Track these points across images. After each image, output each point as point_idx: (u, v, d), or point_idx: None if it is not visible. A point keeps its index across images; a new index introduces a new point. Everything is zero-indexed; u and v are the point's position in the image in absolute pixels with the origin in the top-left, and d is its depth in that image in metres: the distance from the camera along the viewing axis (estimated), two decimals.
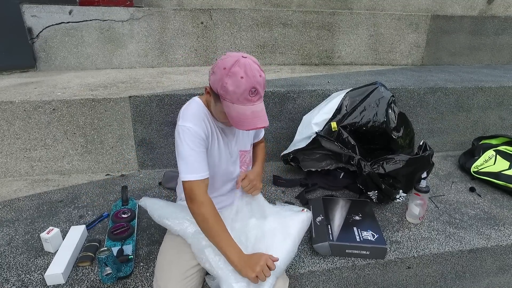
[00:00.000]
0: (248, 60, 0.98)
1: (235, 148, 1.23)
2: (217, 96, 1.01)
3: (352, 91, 1.92)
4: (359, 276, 1.36)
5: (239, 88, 0.96)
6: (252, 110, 0.99)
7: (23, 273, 1.21)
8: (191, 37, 2.63)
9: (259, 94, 1.00)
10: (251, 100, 0.98)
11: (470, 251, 1.44)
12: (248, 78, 0.96)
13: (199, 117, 1.08)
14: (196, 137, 1.05)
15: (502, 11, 3.44)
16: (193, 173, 1.04)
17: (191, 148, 1.04)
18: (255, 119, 1.00)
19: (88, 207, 1.63)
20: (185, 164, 1.05)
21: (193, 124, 1.05)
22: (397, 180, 1.66)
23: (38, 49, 2.44)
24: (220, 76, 0.97)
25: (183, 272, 1.08)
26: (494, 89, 2.33)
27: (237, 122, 1.00)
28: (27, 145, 1.85)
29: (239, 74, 0.95)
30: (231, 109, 0.99)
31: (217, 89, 0.99)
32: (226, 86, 0.96)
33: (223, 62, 0.99)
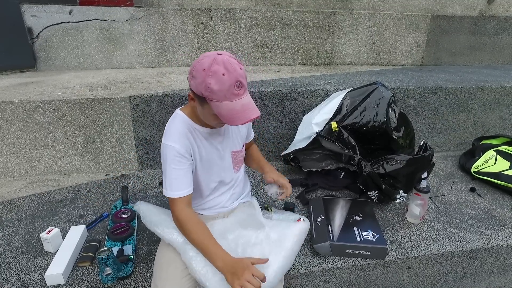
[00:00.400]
0: (224, 57, 0.97)
1: (226, 150, 1.21)
2: (202, 99, 0.99)
3: (353, 91, 1.92)
4: (359, 276, 1.36)
5: (223, 85, 0.94)
6: (241, 104, 0.99)
7: (23, 273, 1.20)
8: (191, 37, 2.63)
9: (244, 87, 0.99)
10: (238, 94, 0.98)
11: (471, 251, 1.44)
12: (230, 73, 0.95)
13: (181, 134, 1.08)
14: (177, 156, 1.06)
15: (502, 11, 3.44)
16: (173, 191, 1.07)
17: (172, 167, 1.06)
18: (247, 112, 1.00)
19: (88, 207, 1.63)
20: (166, 182, 1.08)
21: (175, 143, 1.06)
22: (398, 180, 1.66)
23: (38, 49, 2.43)
24: (202, 79, 0.95)
25: (180, 271, 1.07)
26: (494, 89, 2.33)
27: (229, 119, 0.99)
28: (27, 145, 1.85)
29: (220, 71, 0.94)
30: (220, 108, 0.97)
31: (202, 92, 0.97)
32: (210, 86, 0.94)
33: (201, 64, 0.97)
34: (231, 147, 1.23)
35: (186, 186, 1.08)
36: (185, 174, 1.08)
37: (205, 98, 0.98)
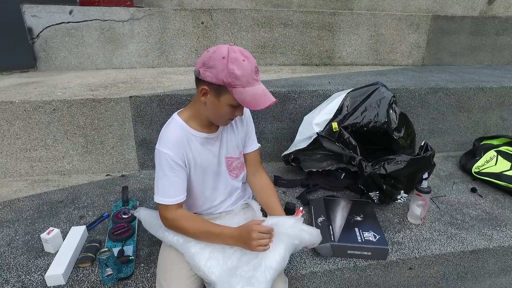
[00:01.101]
0: (237, 46, 1.01)
1: (221, 156, 1.19)
2: (220, 89, 0.99)
3: (353, 91, 1.91)
4: (360, 277, 1.35)
5: (246, 70, 0.97)
6: (261, 88, 1.02)
7: (23, 274, 1.20)
8: (191, 37, 2.63)
9: (259, 73, 1.04)
10: (257, 79, 1.02)
11: (472, 252, 1.43)
12: (248, 59, 0.98)
13: (176, 141, 1.07)
14: (171, 163, 1.05)
15: (503, 11, 3.44)
16: (165, 197, 1.06)
17: (165, 174, 1.05)
18: (267, 96, 1.02)
19: (88, 208, 1.62)
20: (157, 187, 1.07)
21: (170, 150, 1.05)
22: (399, 180, 1.66)
23: (38, 49, 2.43)
24: (223, 66, 0.95)
25: (186, 272, 1.07)
26: (495, 90, 2.33)
27: (253, 103, 1.00)
28: (27, 145, 1.85)
29: (240, 58, 0.97)
30: (244, 94, 0.98)
31: (223, 79, 0.96)
32: (233, 72, 0.95)
33: (218, 53, 0.97)
34: (226, 152, 1.20)
35: (178, 194, 1.08)
36: (178, 181, 1.07)
37: (226, 86, 0.98)
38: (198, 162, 1.13)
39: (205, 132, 1.13)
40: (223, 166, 1.21)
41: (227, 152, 1.21)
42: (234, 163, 1.24)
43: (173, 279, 1.06)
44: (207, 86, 1.01)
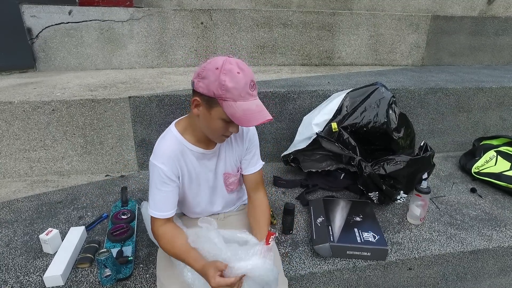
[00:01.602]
0: (235, 59, 0.95)
1: (218, 172, 1.17)
2: (212, 102, 0.93)
3: (353, 91, 1.91)
4: (360, 278, 1.35)
5: (239, 83, 0.90)
6: (256, 104, 0.95)
7: (22, 274, 1.20)
8: (191, 38, 2.63)
9: (256, 89, 0.96)
10: (252, 94, 0.94)
11: (472, 252, 1.43)
12: (244, 72, 0.92)
13: (170, 156, 1.03)
14: (164, 177, 1.02)
15: (502, 11, 3.44)
16: (156, 211, 1.04)
17: (157, 187, 1.03)
18: (261, 113, 0.95)
19: (87, 208, 1.62)
20: (150, 200, 1.06)
21: (163, 164, 1.01)
22: (398, 181, 1.65)
23: (37, 49, 2.43)
24: (215, 77, 0.90)
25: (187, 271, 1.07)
26: (494, 90, 2.32)
27: (244, 120, 0.92)
28: (26, 146, 1.84)
29: (235, 70, 0.90)
30: (234, 108, 0.91)
31: (214, 91, 0.90)
32: (225, 83, 0.89)
33: (212, 64, 0.92)
34: (223, 169, 1.17)
35: (169, 208, 1.06)
36: (169, 196, 1.05)
37: (217, 99, 0.92)
38: (193, 176, 1.11)
39: (201, 148, 1.08)
40: (220, 181, 1.19)
41: (224, 169, 1.17)
42: (231, 179, 1.21)
43: (175, 276, 1.05)
44: (198, 98, 0.96)
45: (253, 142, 1.20)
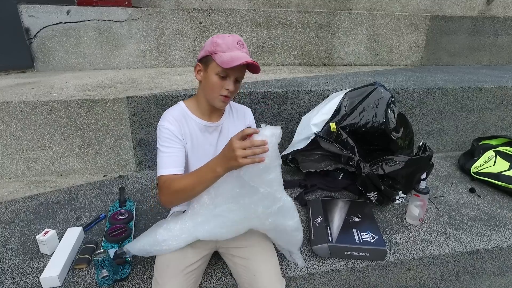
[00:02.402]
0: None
1: (219, 147, 1.22)
2: (207, 60, 1.10)
3: (351, 91, 1.91)
4: (358, 278, 1.35)
5: (227, 40, 1.08)
6: (242, 53, 1.09)
7: (18, 275, 1.19)
8: (189, 38, 2.62)
9: (245, 48, 1.12)
10: (240, 49, 1.10)
11: (471, 252, 1.43)
12: (233, 36, 1.11)
13: (176, 118, 1.15)
14: (170, 134, 1.12)
15: (501, 11, 3.44)
16: (162, 168, 1.09)
17: (165, 145, 1.12)
18: (246, 58, 1.08)
19: (85, 209, 1.61)
20: (158, 162, 1.12)
21: (168, 123, 1.13)
22: (397, 181, 1.65)
23: (35, 49, 2.42)
24: (210, 41, 1.10)
25: (181, 270, 1.07)
26: (493, 90, 2.32)
27: (230, 61, 1.06)
28: (24, 146, 1.84)
29: (226, 35, 1.11)
30: (223, 56, 1.06)
31: (208, 50, 1.09)
32: (216, 41, 1.08)
33: (211, 37, 1.12)
34: (225, 143, 1.20)
35: (177, 165, 1.11)
36: (176, 153, 1.12)
37: (211, 55, 1.08)
38: (195, 145, 1.19)
39: (205, 120, 1.19)
40: None
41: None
42: None
43: (169, 276, 1.06)
44: (199, 63, 1.14)
45: (252, 123, 1.34)
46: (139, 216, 1.55)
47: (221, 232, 1.07)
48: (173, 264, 1.08)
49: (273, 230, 1.11)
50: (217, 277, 1.22)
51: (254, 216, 1.03)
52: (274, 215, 1.04)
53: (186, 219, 1.08)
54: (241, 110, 1.33)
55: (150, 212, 1.59)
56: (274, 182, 1.00)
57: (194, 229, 1.07)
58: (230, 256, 1.19)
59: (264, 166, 0.93)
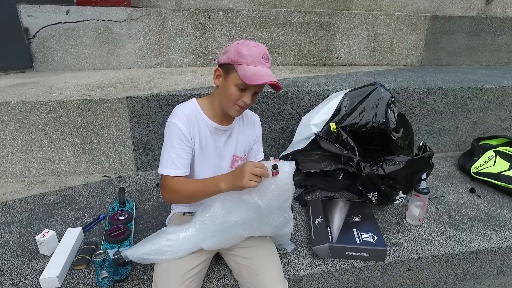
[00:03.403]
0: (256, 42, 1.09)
1: (227, 152, 1.23)
2: (229, 68, 1.07)
3: (351, 91, 1.91)
4: (359, 279, 1.34)
5: (253, 52, 1.04)
6: (266, 70, 1.07)
7: (18, 276, 1.18)
8: (189, 38, 2.62)
9: (270, 63, 1.09)
10: (265, 64, 1.07)
11: (471, 252, 1.43)
12: (260, 47, 1.07)
13: (187, 116, 1.12)
14: (179, 134, 1.10)
15: (501, 11, 3.45)
16: (169, 168, 1.10)
17: (173, 145, 1.10)
18: (270, 76, 1.06)
19: (84, 209, 1.61)
20: (162, 159, 1.11)
21: (180, 122, 1.10)
22: (397, 181, 1.65)
23: (34, 49, 2.42)
24: (234, 48, 1.06)
25: (182, 275, 1.06)
26: (493, 90, 2.32)
27: (253, 78, 1.03)
28: (23, 146, 1.83)
29: (252, 44, 1.06)
30: (246, 70, 1.04)
31: (232, 58, 1.05)
32: (241, 51, 1.04)
33: (235, 42, 1.08)
34: (233, 150, 1.24)
35: (183, 167, 1.11)
36: (184, 154, 1.11)
37: (234, 65, 1.05)
38: (204, 145, 1.17)
39: (216, 122, 1.18)
40: (227, 162, 1.23)
41: (234, 150, 1.24)
42: (237, 163, 1.26)
43: (171, 282, 1.05)
44: (220, 68, 1.11)
45: (259, 131, 1.33)
46: (139, 216, 1.55)
47: (225, 244, 1.13)
48: (174, 269, 1.07)
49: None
50: (217, 278, 1.21)
51: (259, 231, 1.11)
52: (276, 228, 1.12)
53: (192, 230, 1.08)
54: (251, 117, 1.32)
55: (149, 213, 1.58)
56: (288, 207, 1.08)
57: (200, 241, 1.08)
58: (232, 256, 1.19)
59: (283, 196, 1.01)
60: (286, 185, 0.98)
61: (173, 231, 1.09)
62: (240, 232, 1.09)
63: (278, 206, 1.03)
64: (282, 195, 1.00)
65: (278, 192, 0.99)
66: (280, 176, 0.96)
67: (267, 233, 1.15)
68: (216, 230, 1.07)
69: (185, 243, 1.07)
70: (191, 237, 1.08)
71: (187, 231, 1.08)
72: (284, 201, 1.03)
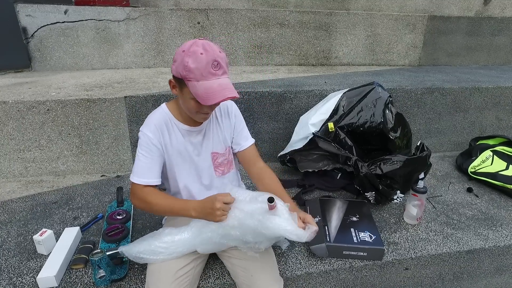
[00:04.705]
0: (205, 41, 1.00)
1: (205, 151, 1.20)
2: (181, 82, 1.01)
3: (349, 91, 1.91)
4: (356, 278, 1.35)
5: (200, 63, 0.95)
6: (218, 83, 0.98)
7: (15, 276, 1.18)
8: (187, 37, 2.62)
9: (222, 68, 0.99)
10: (216, 74, 0.98)
11: (468, 252, 1.43)
12: (208, 52, 0.96)
13: (157, 125, 1.11)
14: (149, 144, 1.09)
15: (498, 12, 3.46)
16: (139, 177, 1.09)
17: (143, 154, 1.09)
18: (224, 91, 0.98)
19: (82, 209, 1.61)
20: (134, 167, 1.10)
21: (149, 132, 1.09)
22: (395, 180, 1.65)
23: (33, 49, 2.41)
24: (181, 59, 0.97)
25: (173, 274, 1.06)
26: (490, 90, 2.33)
27: (205, 98, 0.97)
28: (21, 146, 1.83)
29: (198, 51, 0.96)
30: (197, 87, 0.97)
31: (180, 72, 0.98)
32: (187, 65, 0.96)
33: (181, 47, 1.00)
34: (211, 148, 1.21)
35: (152, 176, 1.10)
36: (154, 163, 1.10)
37: (184, 80, 0.99)
38: (176, 151, 1.15)
39: (188, 125, 1.15)
40: (208, 162, 1.22)
41: (212, 147, 1.21)
42: (219, 159, 1.24)
43: (161, 280, 1.05)
44: (173, 79, 1.06)
45: (238, 117, 1.26)
46: (137, 216, 1.55)
47: (219, 249, 1.13)
48: (165, 268, 1.07)
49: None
50: (215, 277, 1.21)
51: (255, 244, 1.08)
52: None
53: (188, 234, 1.08)
54: (224, 107, 1.24)
55: (147, 213, 1.58)
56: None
57: (195, 245, 1.08)
58: (227, 257, 1.19)
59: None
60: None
61: (169, 233, 1.09)
62: (235, 242, 1.05)
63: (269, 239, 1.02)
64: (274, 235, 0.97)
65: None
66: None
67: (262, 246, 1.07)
68: (212, 236, 1.05)
69: (179, 245, 1.08)
70: (187, 240, 1.07)
71: (183, 234, 1.08)
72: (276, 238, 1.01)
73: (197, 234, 1.07)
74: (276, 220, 0.94)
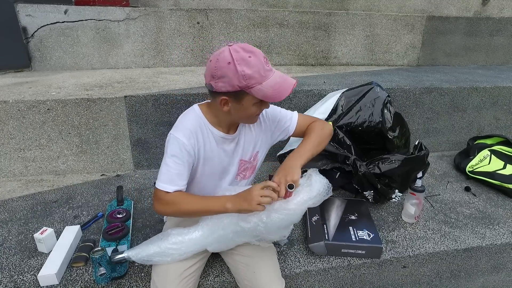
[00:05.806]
0: (236, 45, 0.97)
1: (235, 158, 1.18)
2: (239, 94, 0.97)
3: (348, 91, 1.92)
4: (354, 276, 1.36)
5: (256, 66, 0.94)
6: (278, 76, 0.99)
7: (16, 274, 1.19)
8: (187, 37, 2.63)
9: (268, 61, 1.00)
10: (270, 68, 0.99)
11: (465, 250, 1.45)
12: (253, 53, 0.95)
13: (192, 131, 1.05)
14: (182, 150, 1.03)
15: (497, 12, 3.47)
16: (165, 183, 1.03)
17: (173, 160, 1.03)
18: (286, 80, 1.00)
19: (83, 207, 1.62)
20: (161, 172, 1.04)
21: (184, 137, 1.03)
22: (393, 180, 1.66)
23: (33, 48, 2.42)
24: (232, 72, 0.93)
25: (180, 274, 1.07)
26: (488, 89, 2.34)
27: (275, 95, 0.97)
28: (21, 145, 1.84)
29: (245, 56, 0.94)
30: (263, 90, 0.96)
31: (238, 85, 0.94)
32: (244, 73, 0.93)
33: (222, 60, 0.95)
34: (240, 155, 1.19)
35: (182, 183, 1.06)
36: (184, 169, 1.05)
37: (244, 89, 0.95)
38: (209, 157, 1.11)
39: (222, 132, 1.11)
40: (235, 169, 1.19)
41: (242, 155, 1.19)
42: (244, 166, 1.22)
43: (169, 280, 1.06)
44: (225, 96, 0.99)
45: (272, 115, 1.23)
46: (137, 214, 1.56)
47: (229, 246, 1.13)
48: (172, 269, 1.08)
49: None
50: (214, 275, 1.23)
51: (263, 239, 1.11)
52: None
53: (199, 233, 1.07)
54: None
55: (147, 211, 1.59)
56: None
57: (206, 244, 1.08)
58: (230, 254, 1.20)
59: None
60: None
61: (179, 233, 1.07)
62: (246, 239, 1.07)
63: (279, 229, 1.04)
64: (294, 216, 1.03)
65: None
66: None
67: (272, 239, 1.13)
68: (224, 234, 1.06)
69: (190, 245, 1.07)
70: (198, 239, 1.07)
71: (194, 233, 1.07)
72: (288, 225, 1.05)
73: (208, 233, 1.06)
74: (297, 199, 1.01)
